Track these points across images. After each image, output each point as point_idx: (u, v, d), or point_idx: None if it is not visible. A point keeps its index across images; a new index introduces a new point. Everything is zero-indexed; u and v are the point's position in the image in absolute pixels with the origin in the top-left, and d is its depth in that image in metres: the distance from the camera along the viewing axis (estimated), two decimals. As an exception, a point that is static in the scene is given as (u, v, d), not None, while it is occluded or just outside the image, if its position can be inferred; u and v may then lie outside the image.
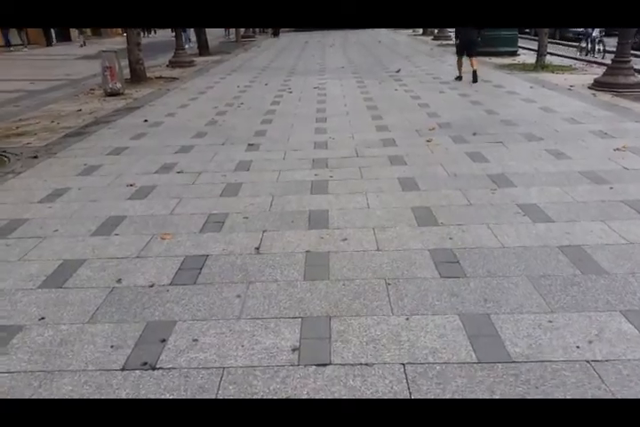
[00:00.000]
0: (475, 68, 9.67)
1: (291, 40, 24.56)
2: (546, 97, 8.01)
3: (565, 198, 3.97)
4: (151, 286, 2.94)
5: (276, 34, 26.49)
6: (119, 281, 3.00)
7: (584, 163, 4.79)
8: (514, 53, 14.30)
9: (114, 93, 9.58)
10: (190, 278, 2.99)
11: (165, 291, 2.88)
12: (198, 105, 8.58)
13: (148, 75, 12.37)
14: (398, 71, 11.72)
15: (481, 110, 7.24)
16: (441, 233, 3.44)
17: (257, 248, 3.34)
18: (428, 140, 5.77)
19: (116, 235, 3.62)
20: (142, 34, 25.03)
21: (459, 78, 10.08)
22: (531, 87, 8.93)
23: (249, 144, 5.93)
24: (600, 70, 11.30)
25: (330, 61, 14.73)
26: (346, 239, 3.40)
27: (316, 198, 4.16)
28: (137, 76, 11.39)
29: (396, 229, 3.52)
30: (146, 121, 7.34)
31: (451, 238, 3.34)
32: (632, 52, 8.86)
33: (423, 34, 23.94)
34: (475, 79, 9.61)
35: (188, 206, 4.09)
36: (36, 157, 5.65)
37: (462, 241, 3.30)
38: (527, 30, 21.30)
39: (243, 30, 26.57)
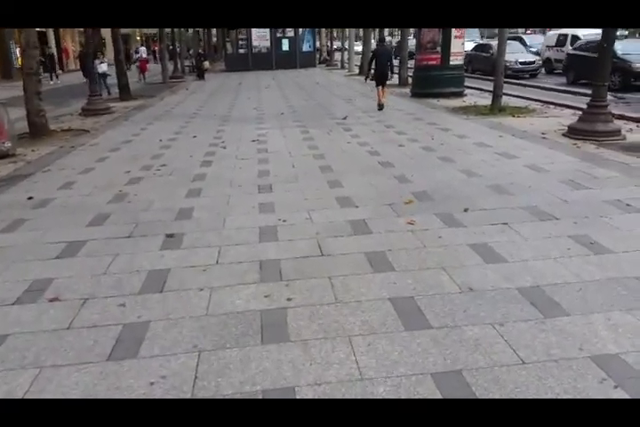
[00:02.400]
0: (384, 97, 11.44)
1: (223, 81, 23.21)
2: (523, 150, 6.88)
3: (656, 339, 2.60)
4: None
5: (201, 76, 24.05)
6: None
7: (634, 260, 3.48)
8: (460, 94, 13.53)
9: (1, 155, 7.69)
10: None
11: None
12: (106, 169, 6.86)
13: (55, 126, 10.57)
14: (345, 118, 10.48)
15: (457, 171, 5.95)
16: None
17: None
18: (410, 223, 4.35)
19: None
20: (51, 78, 22.77)
21: (379, 107, 11.38)
22: (500, 136, 7.84)
23: (167, 235, 4.29)
24: (558, 111, 10.63)
25: (267, 106, 13.38)
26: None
27: (274, 358, 2.55)
28: (37, 131, 9.52)
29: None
30: (30, 198, 5.54)
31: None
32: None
33: (359, 74, 23.27)
34: (380, 108, 11.31)
35: (47, 395, 2.38)
36: None
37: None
38: (465, 68, 21.00)
39: (171, 71, 25.09)
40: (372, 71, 11.58)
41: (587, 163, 6.07)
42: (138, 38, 48.07)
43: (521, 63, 19.39)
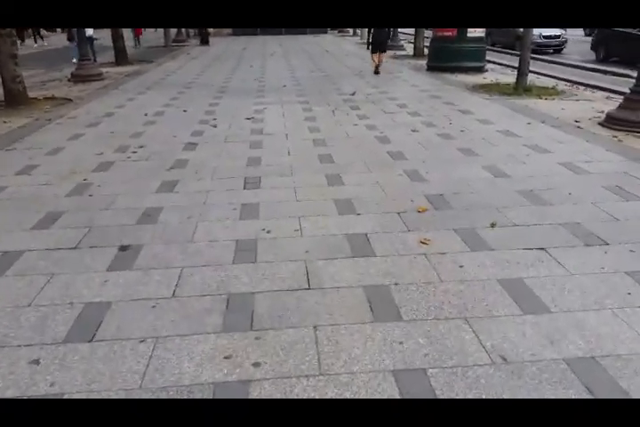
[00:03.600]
0: (381, 62, 12.22)
1: (227, 46, 21.97)
2: (557, 142, 5.93)
3: None
4: None
5: (204, 41, 22.55)
6: None
7: None
8: (481, 69, 12.39)
9: (-38, 128, 6.84)
10: None
11: None
12: (77, 149, 5.99)
13: (38, 93, 9.69)
14: (353, 94, 9.47)
15: (480, 168, 5.05)
16: None
17: None
18: (422, 242, 3.49)
19: None
20: (35, 40, 21.18)
21: (376, 73, 12.13)
22: (528, 123, 6.86)
23: (120, 248, 3.47)
24: (589, 93, 9.58)
25: (270, 76, 12.34)
26: None
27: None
28: (13, 99, 8.62)
29: None
30: (-24, 187, 4.73)
31: None
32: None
33: (373, 42, 21.88)
34: (377, 72, 12.11)
35: None
36: None
37: None
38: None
39: (174, 34, 23.78)
40: (371, 39, 12.30)
41: (635, 163, 5.14)
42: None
43: (545, 37, 17.96)
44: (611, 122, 6.70)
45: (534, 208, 4.05)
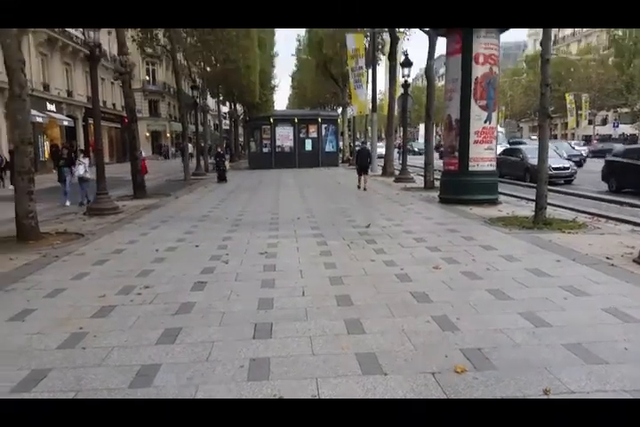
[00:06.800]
0: (366, 183, 16.35)
1: (244, 179, 22.82)
2: (593, 283, 5.49)
3: None
4: None
5: (222, 179, 21.43)
6: None
7: None
8: (495, 201, 12.38)
9: (-35, 266, 6.60)
10: None
11: None
12: (78, 291, 5.63)
13: (51, 228, 9.74)
14: (368, 226, 9.34)
15: (517, 315, 4.54)
16: None
17: None
18: None
19: None
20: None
21: (359, 187, 16.34)
22: (557, 261, 6.49)
23: (107, 422, 2.91)
24: (612, 226, 9.33)
25: (284, 207, 12.44)
26: None
27: None
28: (24, 234, 8.52)
29: None
30: (-41, 337, 4.29)
31: None
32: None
33: (383, 175, 22.71)
34: (362, 188, 16.14)
35: None
36: None
37: None
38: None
39: (194, 168, 24.90)
40: (357, 165, 17.04)
41: (687, 308, 4.64)
42: (168, 135, 49.88)
43: (555, 169, 18.39)
44: (645, 258, 6.32)
45: (588, 368, 3.48)
